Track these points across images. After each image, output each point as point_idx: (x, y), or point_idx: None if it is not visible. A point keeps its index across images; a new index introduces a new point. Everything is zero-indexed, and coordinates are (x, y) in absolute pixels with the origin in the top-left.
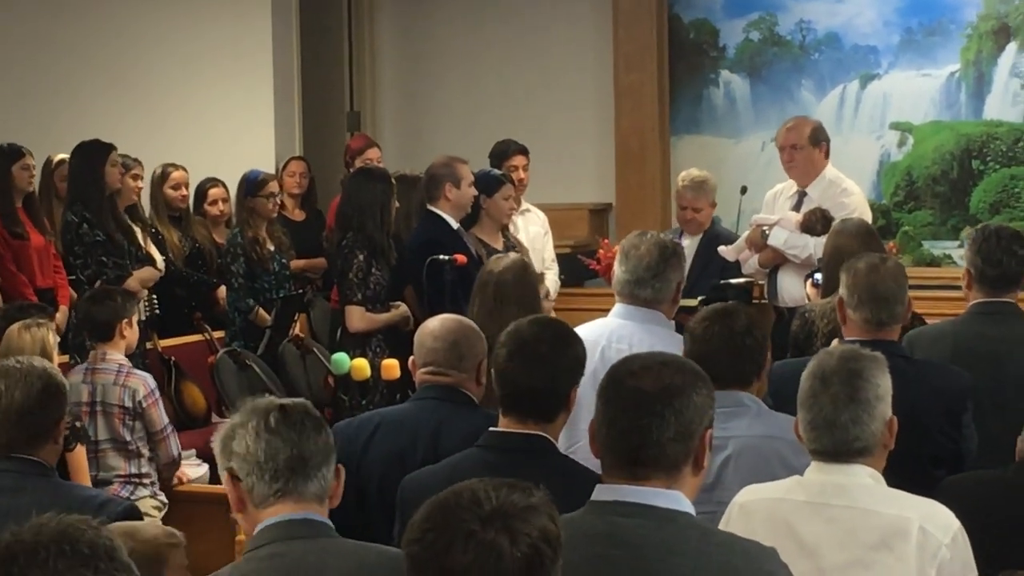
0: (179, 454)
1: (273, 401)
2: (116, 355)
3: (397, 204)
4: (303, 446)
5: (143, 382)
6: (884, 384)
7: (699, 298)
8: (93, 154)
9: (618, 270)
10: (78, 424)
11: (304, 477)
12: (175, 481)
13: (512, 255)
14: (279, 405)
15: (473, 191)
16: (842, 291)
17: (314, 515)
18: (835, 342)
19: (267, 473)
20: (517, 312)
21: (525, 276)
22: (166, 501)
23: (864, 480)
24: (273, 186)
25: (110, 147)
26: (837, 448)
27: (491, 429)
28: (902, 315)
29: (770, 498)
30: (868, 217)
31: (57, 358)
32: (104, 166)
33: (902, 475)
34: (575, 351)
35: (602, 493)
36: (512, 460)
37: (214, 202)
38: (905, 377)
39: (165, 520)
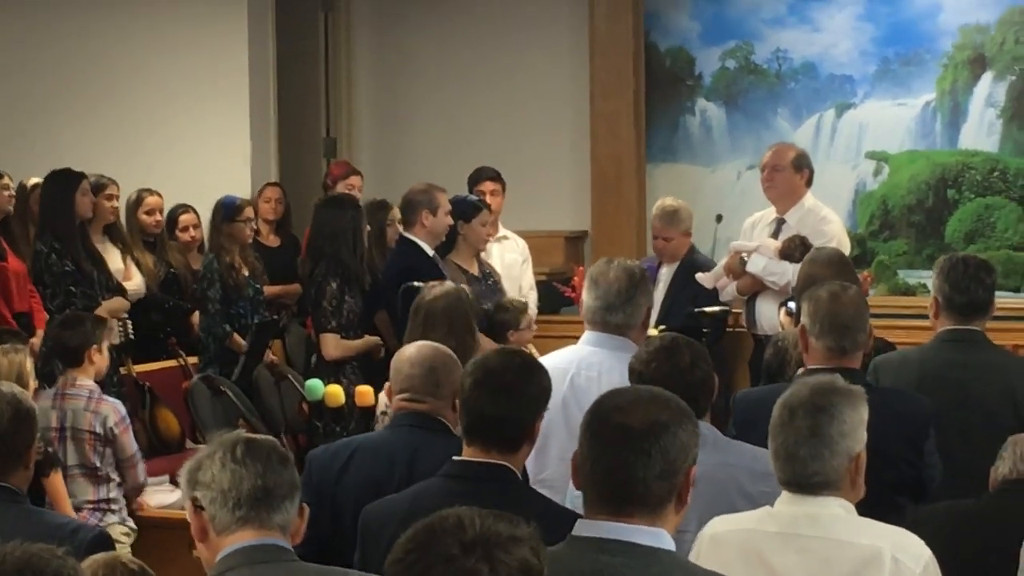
0: (145, 480)
1: (241, 434)
2: (86, 381)
3: (368, 228)
4: (268, 478)
5: (114, 408)
6: (853, 419)
7: (659, 327)
8: (64, 183)
9: (587, 297)
10: (50, 449)
11: (268, 507)
12: (135, 506)
13: (448, 284)
14: (246, 438)
15: (449, 220)
16: (804, 319)
17: (277, 540)
18: (800, 371)
19: (230, 501)
20: (446, 338)
21: (459, 304)
22: (135, 527)
23: (835, 511)
24: (249, 212)
25: (80, 176)
26: (798, 480)
27: (454, 458)
28: (864, 343)
29: (741, 529)
30: (846, 245)
31: (34, 384)
32: (75, 195)
33: (865, 503)
34: (540, 382)
35: (584, 529)
36: (474, 489)
37: (185, 228)
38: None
39: (135, 546)
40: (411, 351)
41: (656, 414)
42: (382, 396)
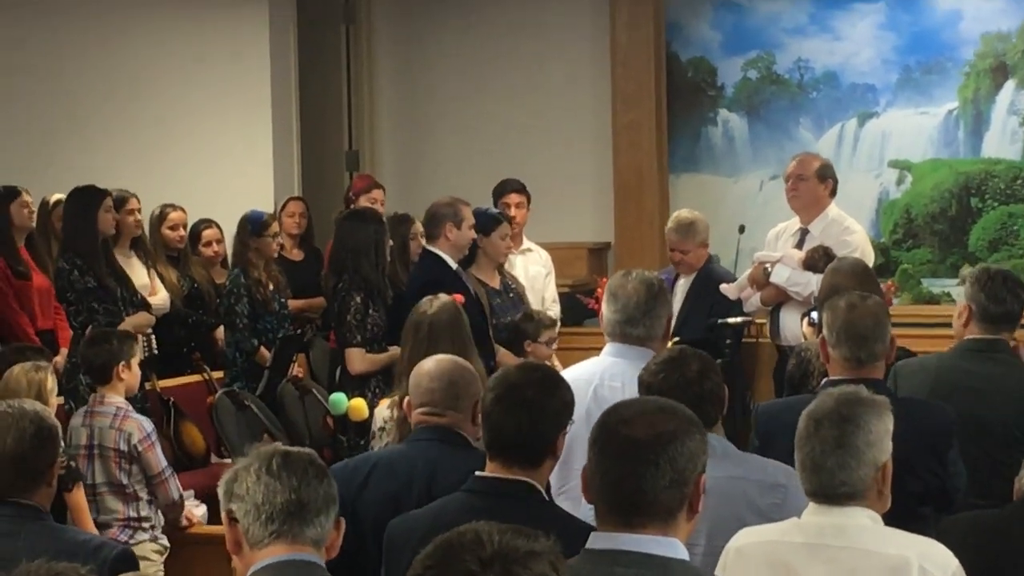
0: (180, 496)
1: (279, 447)
2: (115, 398)
3: (391, 243)
4: (302, 492)
5: (138, 425)
6: (879, 429)
7: (674, 339)
8: (86, 200)
9: (606, 311)
10: (72, 465)
11: (301, 521)
12: (183, 522)
13: (444, 297)
14: (284, 451)
15: (472, 234)
16: (824, 330)
17: (308, 556)
18: (823, 381)
19: (264, 514)
20: (450, 351)
21: (457, 316)
22: (167, 545)
23: (862, 521)
24: (276, 226)
25: (104, 193)
26: (825, 491)
27: (477, 474)
28: (883, 353)
29: (767, 541)
30: (870, 256)
31: (55, 401)
32: (98, 212)
33: (889, 513)
34: (562, 397)
35: (598, 541)
36: (497, 505)
37: (208, 243)
38: None
39: (167, 563)
40: (430, 365)
41: (662, 425)
42: (378, 411)
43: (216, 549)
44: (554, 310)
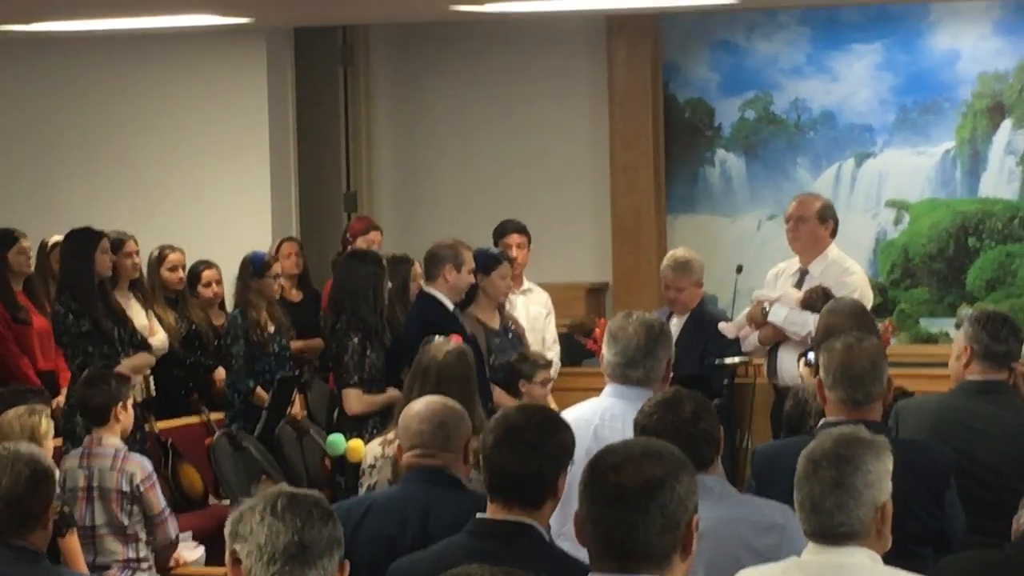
0: (177, 536)
1: (285, 488)
2: (112, 439)
3: (390, 284)
4: (305, 533)
5: (140, 466)
6: (878, 470)
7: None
8: (83, 242)
9: (607, 353)
10: (66, 509)
11: (303, 564)
12: (172, 563)
13: (453, 342)
14: (289, 492)
15: (471, 278)
16: (820, 371)
17: None
18: (820, 423)
19: (266, 555)
20: (458, 398)
21: (466, 362)
22: None
23: (861, 560)
24: (277, 267)
25: (100, 235)
26: (824, 531)
27: (478, 516)
28: (880, 394)
29: None
30: (869, 298)
31: (51, 443)
32: (94, 254)
33: (887, 554)
34: (562, 438)
35: None
36: (499, 548)
37: (208, 284)
38: None
39: None
40: (419, 407)
41: (651, 470)
42: (369, 447)
43: None
44: (554, 350)
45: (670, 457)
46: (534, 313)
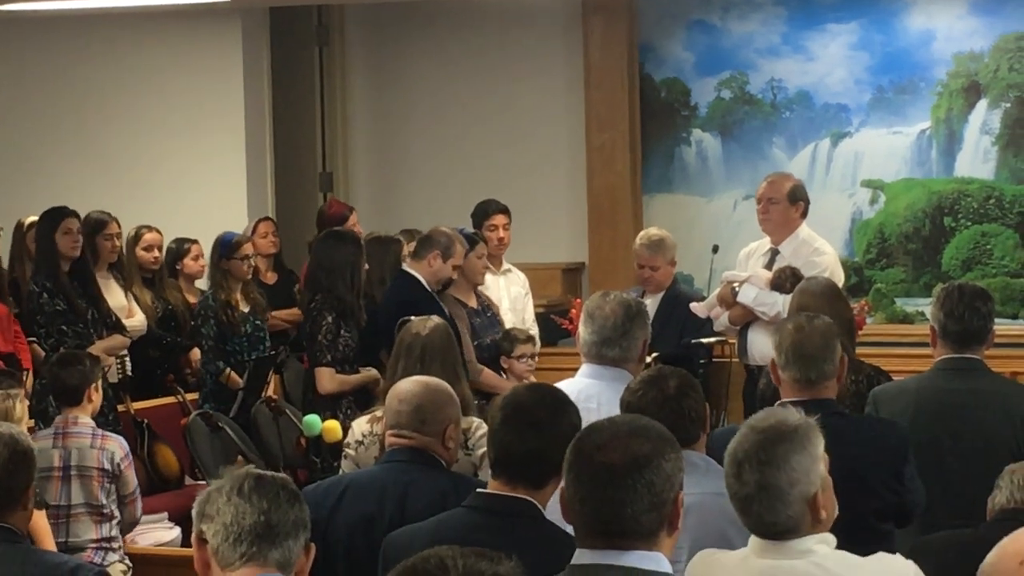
0: (140, 516)
1: (252, 470)
2: (85, 419)
3: (367, 266)
4: (271, 514)
5: (119, 444)
6: (803, 463)
7: (653, 355)
8: (46, 222)
9: (583, 331)
10: (36, 490)
11: (269, 544)
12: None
13: (436, 318)
14: (256, 474)
15: (452, 273)
16: (774, 352)
17: None
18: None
19: (232, 536)
20: (441, 374)
21: (449, 339)
22: (131, 564)
23: (815, 557)
24: (248, 248)
25: (62, 216)
26: (759, 531)
27: (479, 491)
28: (833, 373)
29: None
30: (840, 277)
31: (26, 427)
32: (55, 234)
33: (851, 531)
34: (570, 419)
35: (582, 557)
36: (498, 523)
37: (196, 257)
38: (842, 435)
39: None
40: (403, 387)
41: (637, 448)
42: (356, 424)
43: (186, 572)
44: (534, 330)
45: (656, 434)
46: (514, 293)
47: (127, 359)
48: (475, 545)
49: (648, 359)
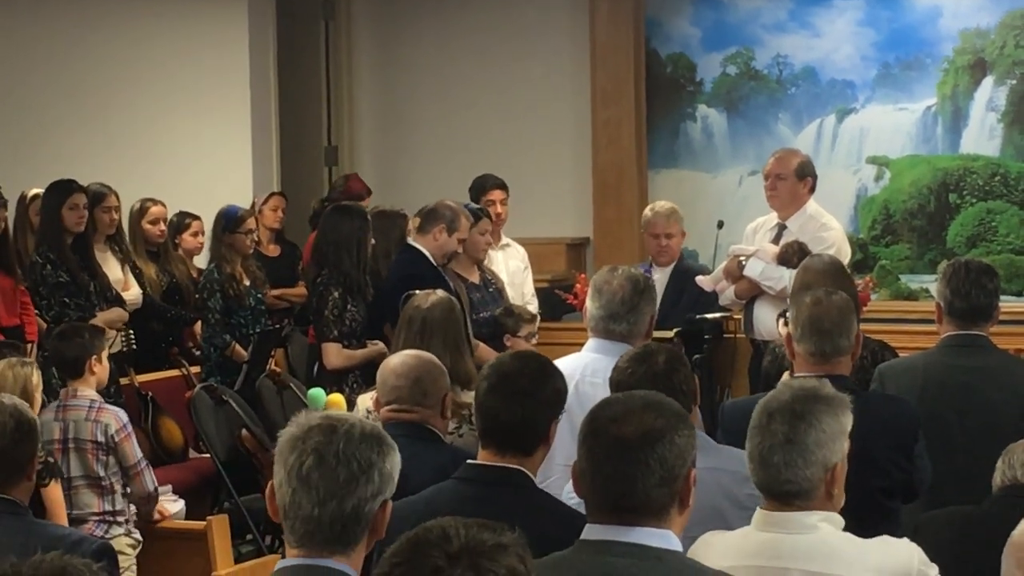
0: (155, 488)
1: (319, 441)
2: (87, 391)
3: (373, 241)
4: (325, 505)
5: (115, 416)
6: (832, 429)
7: (675, 330)
8: (53, 195)
9: (591, 306)
10: (51, 460)
11: (326, 531)
12: (156, 516)
13: (441, 293)
14: (317, 450)
15: (458, 247)
16: (790, 325)
17: (335, 564)
18: (785, 375)
19: (290, 520)
20: (442, 348)
21: (452, 313)
22: (140, 539)
23: (818, 535)
24: (251, 222)
25: (69, 190)
26: (770, 487)
27: (469, 462)
28: (848, 348)
29: (725, 567)
30: (846, 253)
31: (40, 397)
32: (61, 208)
33: (857, 509)
34: (556, 385)
35: (592, 532)
36: (489, 493)
37: (196, 233)
38: (854, 412)
39: (141, 556)
40: (396, 361)
41: (651, 422)
42: (361, 400)
43: (192, 544)
44: (533, 304)
45: (670, 410)
46: (513, 268)
47: (131, 332)
48: (467, 516)
49: (671, 334)
